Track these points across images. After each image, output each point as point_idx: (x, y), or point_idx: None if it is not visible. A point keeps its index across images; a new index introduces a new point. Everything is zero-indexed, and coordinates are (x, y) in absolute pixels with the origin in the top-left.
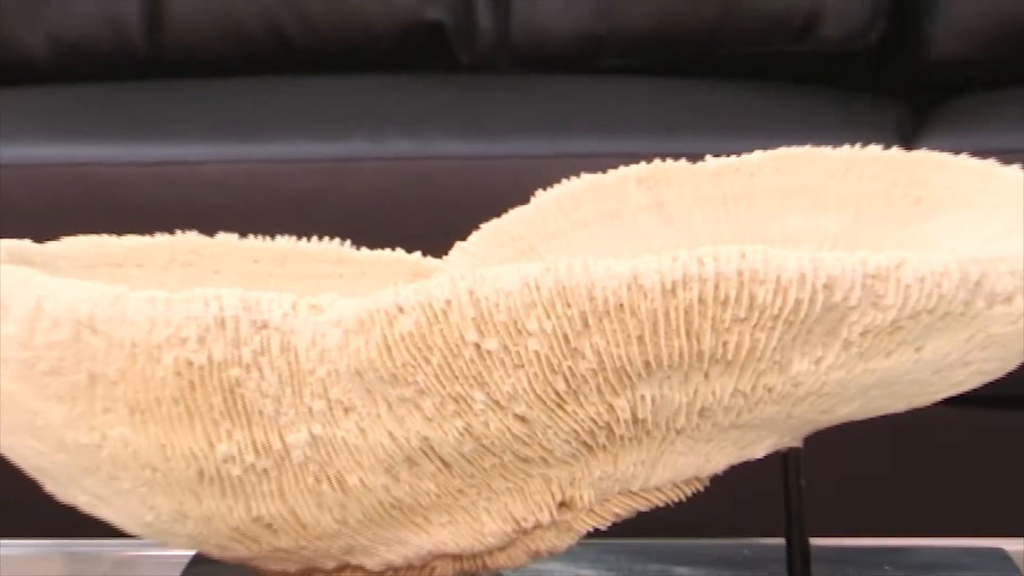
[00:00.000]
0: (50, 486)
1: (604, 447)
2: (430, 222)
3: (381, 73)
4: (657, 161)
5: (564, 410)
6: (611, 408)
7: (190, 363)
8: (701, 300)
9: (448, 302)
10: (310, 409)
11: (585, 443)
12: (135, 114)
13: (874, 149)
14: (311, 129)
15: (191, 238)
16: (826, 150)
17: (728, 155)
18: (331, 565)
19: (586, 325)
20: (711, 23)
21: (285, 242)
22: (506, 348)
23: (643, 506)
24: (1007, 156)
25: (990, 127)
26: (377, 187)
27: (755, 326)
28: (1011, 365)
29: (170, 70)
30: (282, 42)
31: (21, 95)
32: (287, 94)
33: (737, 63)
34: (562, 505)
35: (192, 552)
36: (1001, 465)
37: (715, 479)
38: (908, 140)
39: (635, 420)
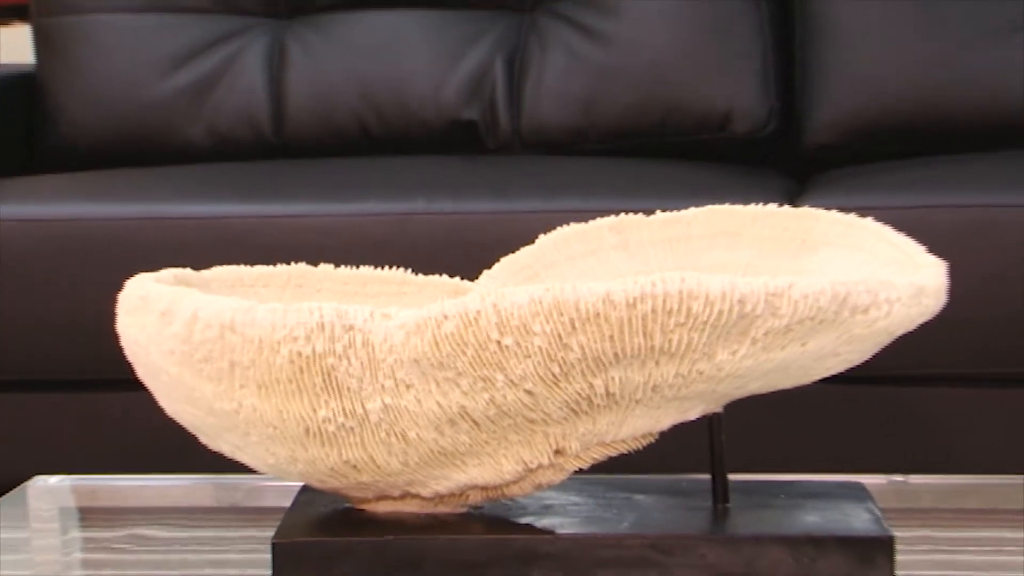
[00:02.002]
0: (203, 439)
1: (586, 412)
2: (466, 257)
3: (432, 155)
4: (623, 214)
5: (559, 387)
6: (591, 385)
7: (300, 354)
8: (653, 310)
9: (479, 312)
10: (383, 386)
11: (573, 409)
12: (264, 183)
13: (772, 206)
14: (384, 193)
15: (300, 267)
16: (739, 207)
17: (672, 210)
18: (397, 494)
19: (574, 328)
20: (658, 121)
21: (365, 270)
22: (518, 343)
23: (613, 453)
24: (863, 211)
25: (850, 192)
26: (429, 232)
27: (691, 328)
28: (867, 355)
29: (289, 153)
30: (365, 134)
31: (184, 171)
32: (368, 169)
33: (676, 148)
34: (557, 452)
35: (301, 484)
36: (861, 426)
37: (663, 434)
38: (794, 201)
39: (607, 394)
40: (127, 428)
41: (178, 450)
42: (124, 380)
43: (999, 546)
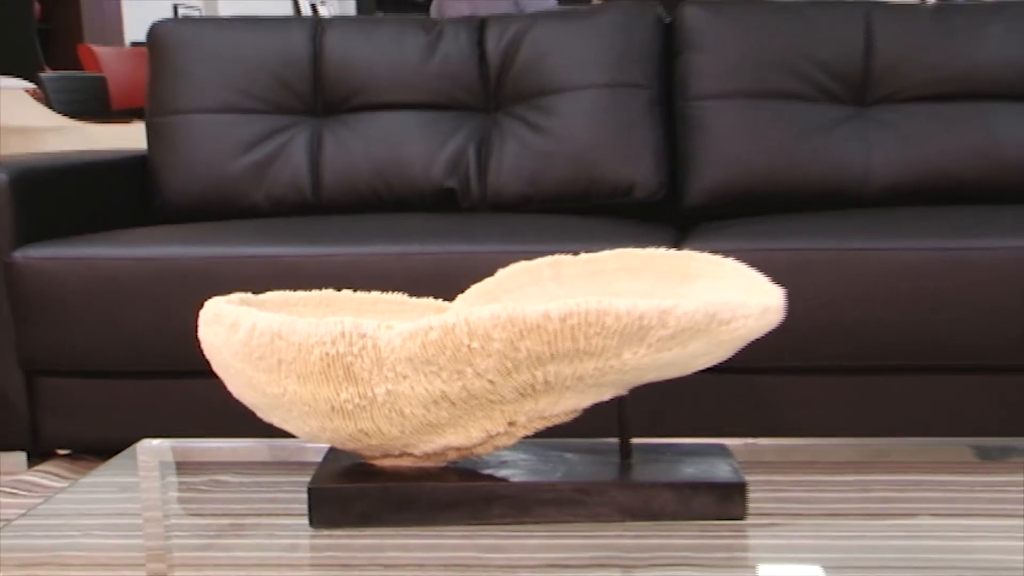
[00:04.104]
0: (259, 414)
1: (531, 395)
2: (446, 285)
3: (424, 212)
4: (558, 255)
5: (512, 377)
6: (534, 376)
7: (327, 354)
8: (578, 323)
9: (455, 324)
10: (386, 376)
11: (521, 393)
12: (304, 232)
13: (662, 249)
14: (389, 239)
15: (329, 292)
16: (639, 250)
17: (592, 252)
18: (396, 453)
19: (522, 335)
20: (583, 189)
21: (375, 294)
22: (483, 346)
23: (550, 424)
24: (726, 253)
25: (717, 239)
26: (421, 267)
27: (605, 336)
28: (730, 354)
29: (323, 211)
30: (377, 197)
31: (249, 223)
32: (378, 222)
33: (595, 208)
34: (510, 424)
35: (328, 446)
36: (724, 404)
37: (585, 410)
38: (678, 245)
39: (546, 383)
40: (206, 405)
41: (242, 421)
42: (203, 371)
43: (822, 487)
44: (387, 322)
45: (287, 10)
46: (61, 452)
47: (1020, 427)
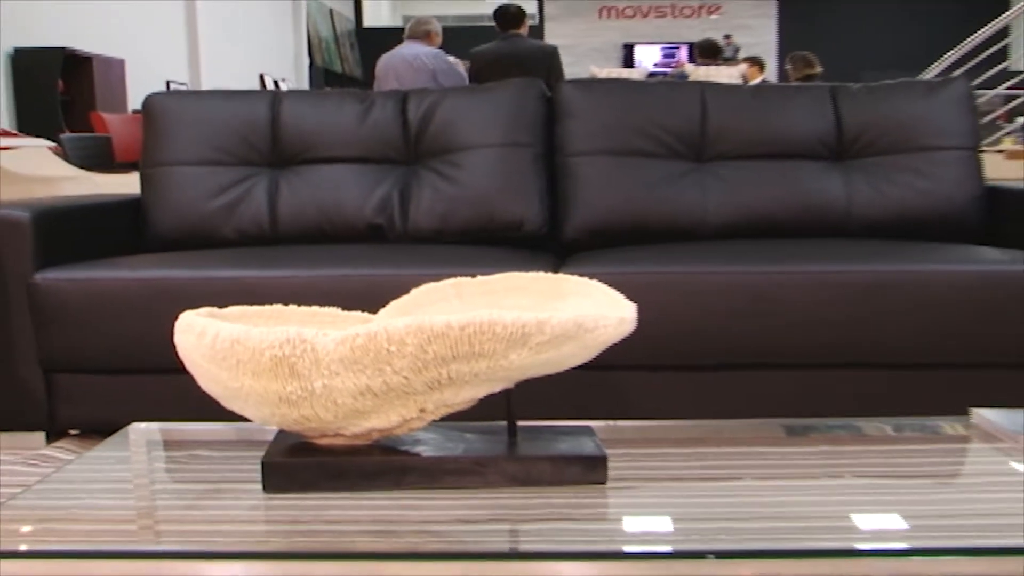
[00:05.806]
0: (223, 403)
1: (437, 388)
2: (372, 300)
3: (356, 244)
4: (460, 278)
5: (423, 374)
6: (440, 373)
7: (276, 356)
8: (474, 331)
9: (377, 332)
10: (323, 373)
11: (430, 386)
12: (262, 259)
13: (543, 273)
14: (329, 264)
15: (279, 307)
16: (526, 273)
17: (488, 275)
18: (332, 433)
19: (430, 340)
20: (483, 225)
21: (316, 308)
22: (399, 350)
23: (454, 411)
24: (592, 275)
25: (587, 266)
26: (353, 287)
27: (495, 341)
28: (594, 355)
29: (279, 242)
30: (321, 231)
31: (219, 252)
32: (321, 251)
33: (492, 240)
34: (421, 411)
35: (278, 428)
36: (590, 393)
37: (481, 399)
38: (556, 270)
39: (450, 378)
40: (183, 396)
41: (210, 408)
42: (179, 369)
43: (668, 458)
44: (324, 331)
45: (255, 84)
46: (72, 432)
47: (817, 410)
